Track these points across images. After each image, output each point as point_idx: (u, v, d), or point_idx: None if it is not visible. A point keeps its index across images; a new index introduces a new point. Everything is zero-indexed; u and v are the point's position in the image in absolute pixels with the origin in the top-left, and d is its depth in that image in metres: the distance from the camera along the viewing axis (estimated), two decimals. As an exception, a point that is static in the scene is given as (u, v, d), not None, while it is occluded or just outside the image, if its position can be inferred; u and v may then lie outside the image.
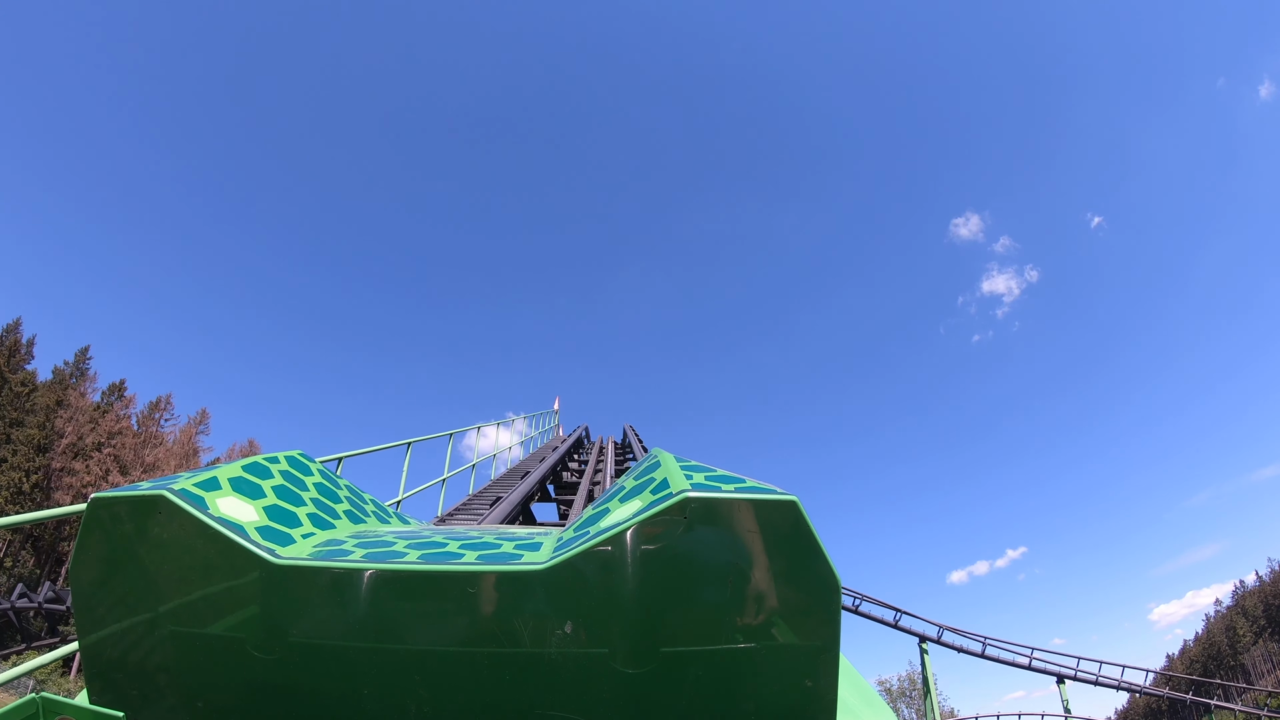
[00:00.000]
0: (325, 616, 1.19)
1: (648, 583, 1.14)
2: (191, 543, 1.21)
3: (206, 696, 1.25)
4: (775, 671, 1.18)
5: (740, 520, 1.14)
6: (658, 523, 1.13)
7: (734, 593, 1.16)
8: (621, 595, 1.14)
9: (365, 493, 1.88)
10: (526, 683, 1.18)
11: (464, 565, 1.18)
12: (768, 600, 1.16)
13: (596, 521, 1.25)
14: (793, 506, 1.14)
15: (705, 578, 1.15)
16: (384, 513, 1.88)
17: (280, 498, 1.45)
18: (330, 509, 1.59)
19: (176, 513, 1.21)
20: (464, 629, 1.18)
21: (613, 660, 1.16)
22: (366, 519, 1.71)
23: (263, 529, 1.28)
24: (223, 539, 1.20)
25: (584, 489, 11.25)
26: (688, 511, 1.12)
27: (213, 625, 1.22)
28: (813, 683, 1.19)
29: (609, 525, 1.18)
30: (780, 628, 1.17)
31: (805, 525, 1.14)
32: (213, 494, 1.30)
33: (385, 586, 1.17)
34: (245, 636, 1.21)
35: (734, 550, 1.15)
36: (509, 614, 1.16)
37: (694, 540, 1.14)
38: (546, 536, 1.40)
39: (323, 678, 1.21)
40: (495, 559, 1.21)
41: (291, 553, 1.23)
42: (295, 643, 1.19)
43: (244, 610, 1.21)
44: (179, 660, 1.24)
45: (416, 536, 1.41)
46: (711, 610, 1.16)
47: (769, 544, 1.15)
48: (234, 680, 1.23)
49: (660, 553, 1.14)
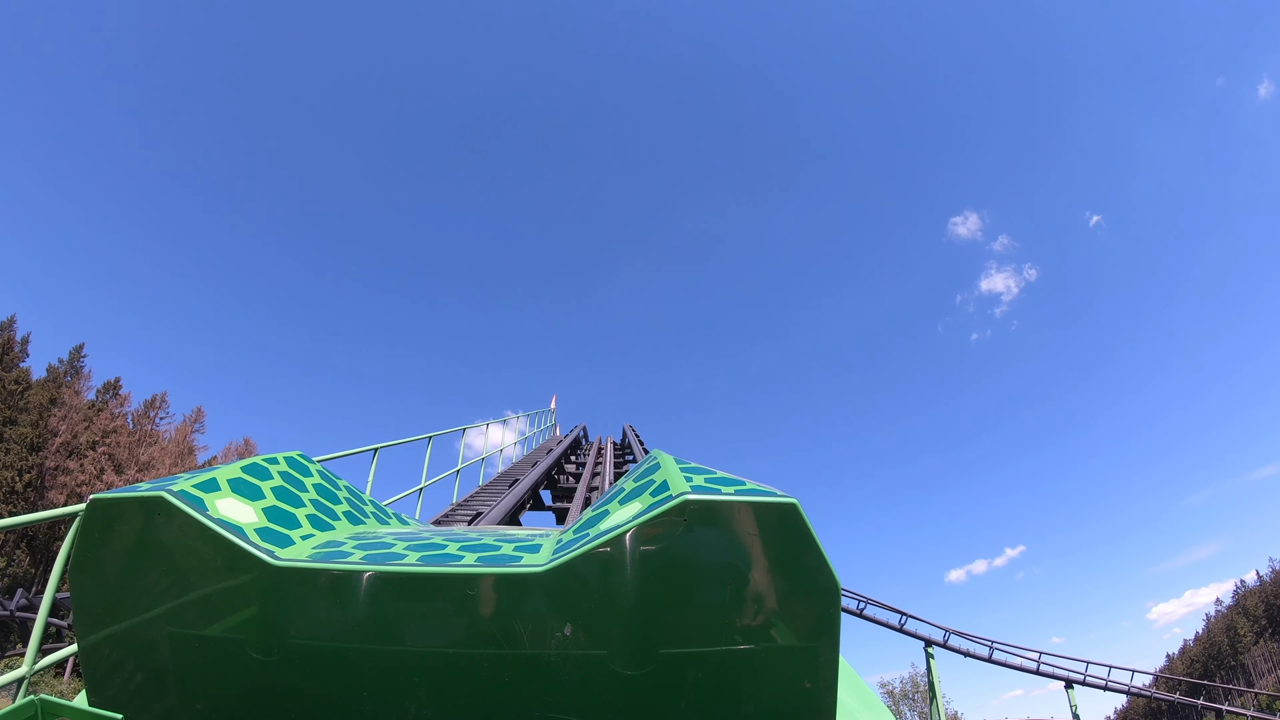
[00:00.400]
0: (324, 618, 1.19)
1: (647, 585, 1.14)
2: (190, 544, 1.21)
3: (205, 698, 1.25)
4: (775, 673, 1.19)
5: (740, 523, 1.14)
6: (657, 525, 1.13)
7: (734, 595, 1.16)
8: (621, 597, 1.14)
9: (364, 493, 1.88)
10: (526, 684, 1.18)
11: (463, 567, 1.18)
12: (767, 602, 1.17)
13: (596, 523, 1.25)
14: (793, 509, 1.14)
15: (705, 580, 1.16)
16: (383, 514, 1.87)
17: (279, 499, 1.45)
18: (329, 510, 1.59)
19: (175, 514, 1.21)
20: (463, 631, 1.18)
21: (612, 662, 1.16)
22: (366, 520, 1.71)
23: (262, 530, 1.27)
24: (222, 540, 1.19)
25: (581, 494, 10.96)
26: (687, 514, 1.12)
27: (211, 627, 1.22)
28: (812, 684, 1.19)
29: (609, 527, 1.18)
30: (780, 630, 1.17)
31: (805, 528, 1.15)
32: (212, 495, 1.29)
33: (384, 588, 1.17)
34: (244, 638, 1.20)
35: (734, 552, 1.15)
36: (508, 616, 1.16)
37: (694, 542, 1.14)
38: (546, 538, 1.40)
39: (322, 679, 1.21)
40: (495, 561, 1.21)
41: (290, 554, 1.23)
42: (294, 644, 1.19)
43: (243, 612, 1.21)
44: (177, 662, 1.24)
45: (416, 538, 1.41)
46: (711, 612, 1.16)
47: (769, 546, 1.15)
48: (233, 682, 1.23)
49: (660, 555, 1.14)
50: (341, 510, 1.64)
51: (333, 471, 1.79)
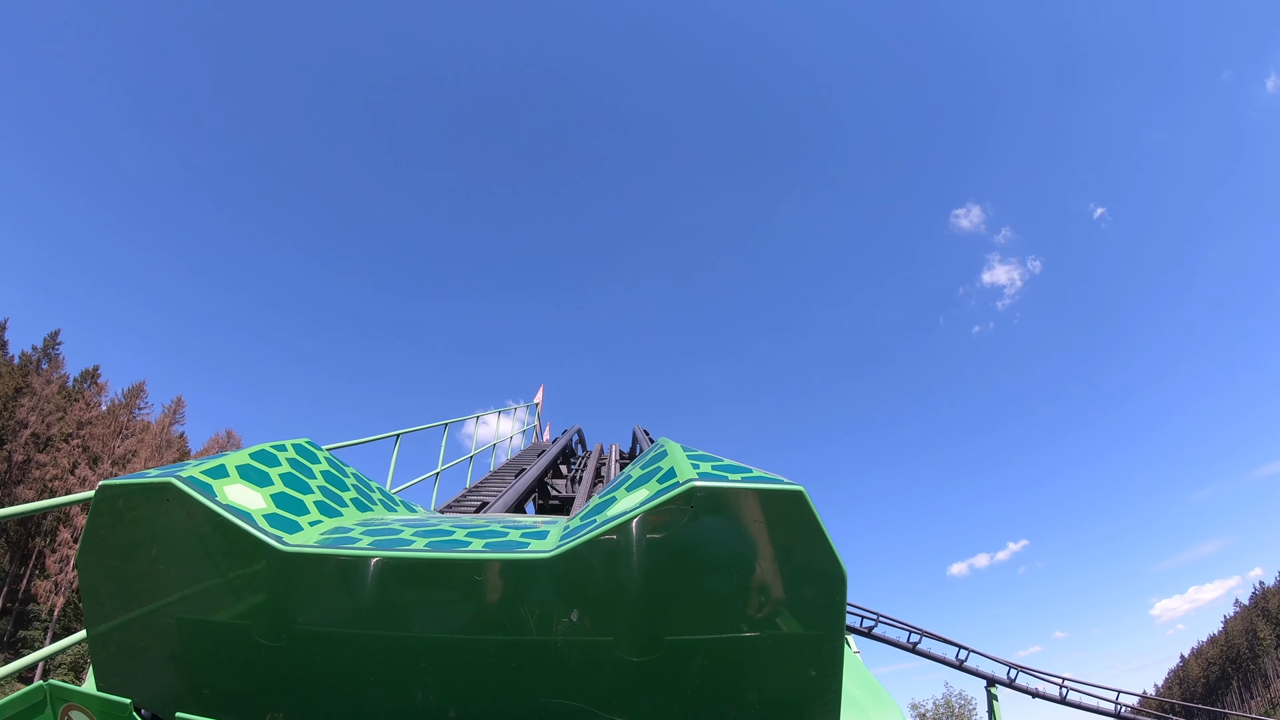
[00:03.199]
0: (332, 604, 1.20)
1: (654, 571, 1.16)
2: (200, 530, 1.21)
3: (213, 684, 1.25)
4: (780, 661, 1.21)
5: (746, 510, 1.16)
6: (664, 511, 1.15)
7: (739, 582, 1.18)
8: (627, 584, 1.16)
9: (372, 480, 1.88)
10: (532, 670, 1.19)
11: (471, 553, 1.20)
12: (773, 590, 1.19)
13: (603, 510, 1.27)
14: (799, 497, 1.17)
15: (711, 567, 1.18)
16: (390, 500, 1.88)
17: (288, 485, 1.45)
18: (337, 497, 1.59)
19: (185, 500, 1.21)
20: (470, 616, 1.20)
21: (618, 648, 1.18)
22: (373, 507, 1.72)
23: (270, 516, 1.28)
24: (231, 526, 1.20)
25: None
26: (694, 501, 1.15)
27: (220, 613, 1.22)
28: (817, 673, 1.21)
29: (616, 514, 1.20)
30: (785, 617, 1.19)
31: (812, 515, 1.17)
32: (221, 481, 1.30)
33: (392, 574, 1.19)
34: (252, 624, 1.21)
35: (740, 540, 1.18)
36: (515, 602, 1.17)
37: (700, 529, 1.16)
38: (553, 525, 1.42)
39: (330, 665, 1.22)
40: (502, 547, 1.23)
41: (299, 540, 1.24)
42: (302, 630, 1.20)
43: (251, 598, 1.22)
44: (186, 648, 1.25)
45: (423, 524, 1.42)
46: (717, 599, 1.18)
47: (775, 534, 1.17)
48: (241, 667, 1.24)
49: (666, 541, 1.16)
50: (349, 497, 1.65)
51: (340, 459, 1.80)
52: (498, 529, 1.37)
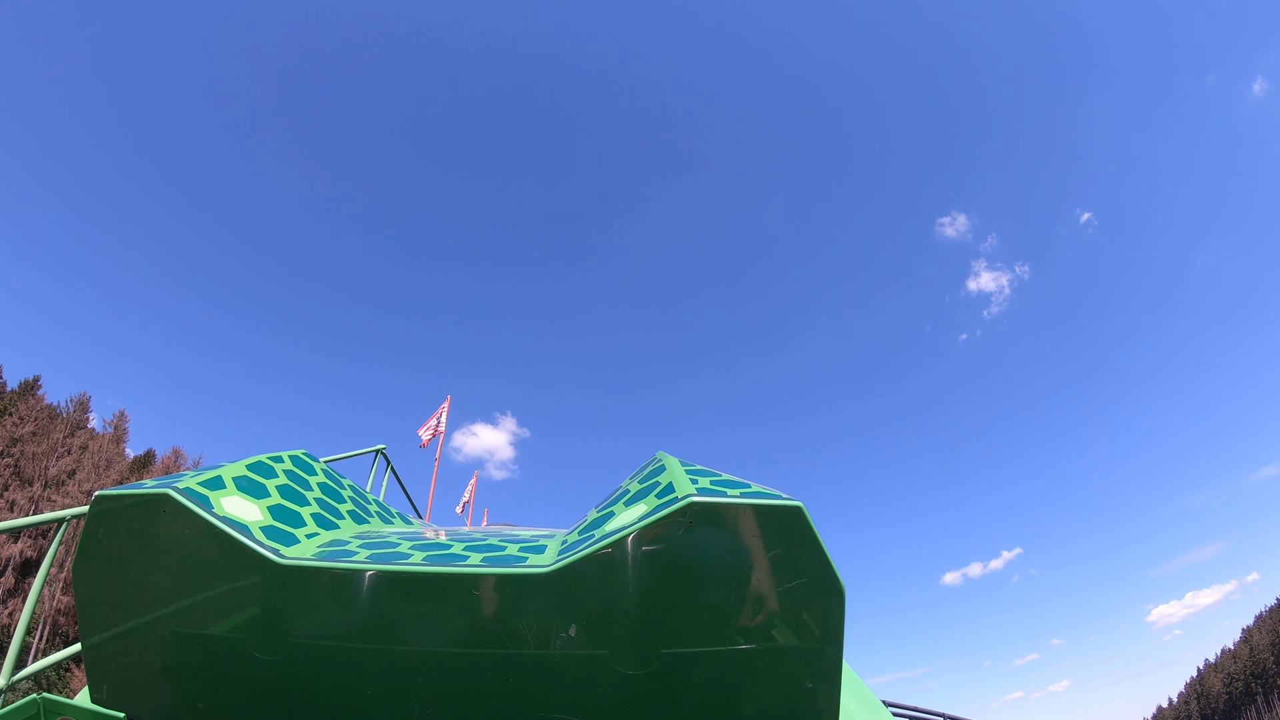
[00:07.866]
0: (329, 617, 1.20)
1: (651, 586, 1.16)
2: (196, 542, 1.21)
3: (208, 698, 1.24)
4: (777, 674, 1.21)
5: (745, 525, 1.17)
6: (663, 526, 1.15)
7: (738, 597, 1.18)
8: (625, 598, 1.16)
9: (369, 493, 1.88)
10: (530, 684, 1.19)
11: (469, 567, 1.20)
12: (771, 605, 1.19)
13: (601, 525, 1.27)
14: (798, 512, 1.17)
15: (710, 582, 1.18)
16: (387, 513, 1.88)
17: (284, 497, 1.45)
18: (334, 509, 1.59)
19: (181, 511, 1.21)
20: (468, 630, 1.20)
21: (615, 662, 1.18)
22: (370, 519, 1.71)
23: (267, 529, 1.28)
24: (227, 538, 1.20)
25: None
26: (693, 516, 1.15)
27: (216, 625, 1.22)
28: (814, 686, 1.22)
29: (615, 529, 1.20)
30: (783, 631, 1.20)
31: (810, 531, 1.17)
32: (217, 493, 1.29)
33: (389, 587, 1.19)
34: (248, 637, 1.20)
35: (738, 555, 1.18)
36: (513, 616, 1.18)
37: (699, 544, 1.16)
38: (551, 539, 1.43)
39: (326, 679, 1.21)
40: (500, 561, 1.23)
41: (295, 553, 1.24)
42: (299, 644, 1.19)
43: (247, 611, 1.21)
44: (181, 661, 1.23)
45: (420, 538, 1.42)
46: (715, 614, 1.19)
47: (773, 549, 1.18)
48: (237, 681, 1.23)
49: (665, 556, 1.16)
50: (346, 509, 1.64)
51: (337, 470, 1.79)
52: (495, 543, 1.38)
